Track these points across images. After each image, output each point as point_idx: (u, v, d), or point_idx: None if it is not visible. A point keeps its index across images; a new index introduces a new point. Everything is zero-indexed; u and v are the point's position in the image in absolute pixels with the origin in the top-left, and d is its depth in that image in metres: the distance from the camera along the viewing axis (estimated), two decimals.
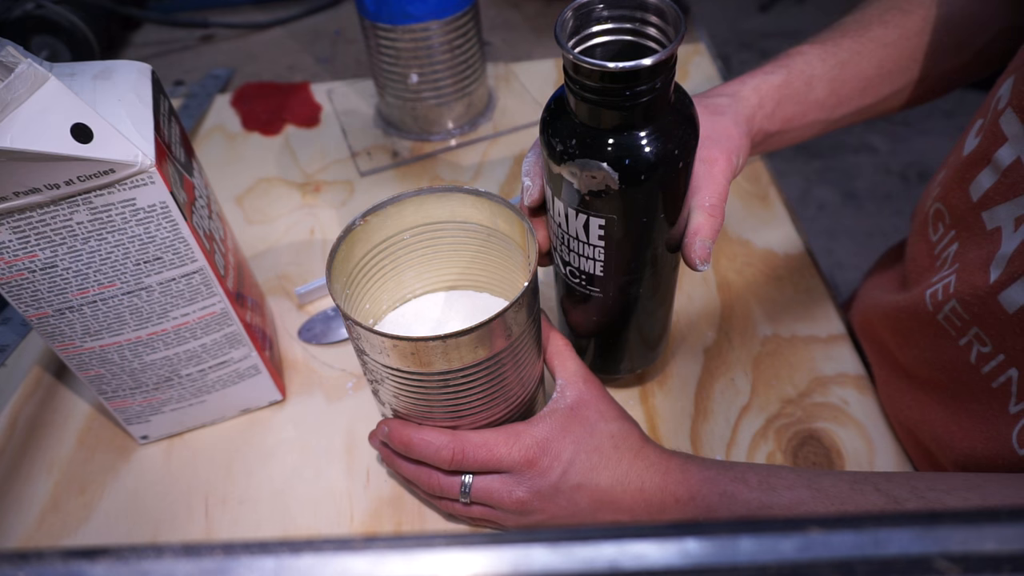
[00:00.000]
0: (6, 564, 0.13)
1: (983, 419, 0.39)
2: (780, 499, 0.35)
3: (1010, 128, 0.37)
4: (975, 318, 0.38)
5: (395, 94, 0.66)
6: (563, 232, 0.37)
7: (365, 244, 0.40)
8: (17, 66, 0.31)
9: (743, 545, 0.13)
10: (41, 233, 0.35)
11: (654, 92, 0.30)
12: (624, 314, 0.41)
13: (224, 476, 0.46)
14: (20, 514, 0.45)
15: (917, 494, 0.33)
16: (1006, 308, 0.36)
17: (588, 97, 0.31)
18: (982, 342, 0.38)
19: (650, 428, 0.47)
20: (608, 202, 0.33)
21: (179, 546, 0.13)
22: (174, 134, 0.40)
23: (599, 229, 0.35)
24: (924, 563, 0.13)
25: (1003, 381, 0.37)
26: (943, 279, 0.41)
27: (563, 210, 0.35)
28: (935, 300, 0.41)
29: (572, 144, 0.32)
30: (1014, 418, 0.36)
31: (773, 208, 0.62)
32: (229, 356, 0.45)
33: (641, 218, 0.34)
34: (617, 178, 0.32)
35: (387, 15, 0.60)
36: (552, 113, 0.34)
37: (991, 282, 0.37)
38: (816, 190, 1.82)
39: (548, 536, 0.13)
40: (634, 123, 0.31)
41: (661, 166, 0.32)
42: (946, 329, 0.40)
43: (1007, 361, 0.37)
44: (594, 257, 0.37)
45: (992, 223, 0.38)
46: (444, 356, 0.34)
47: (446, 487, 0.39)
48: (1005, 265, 0.36)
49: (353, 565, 0.13)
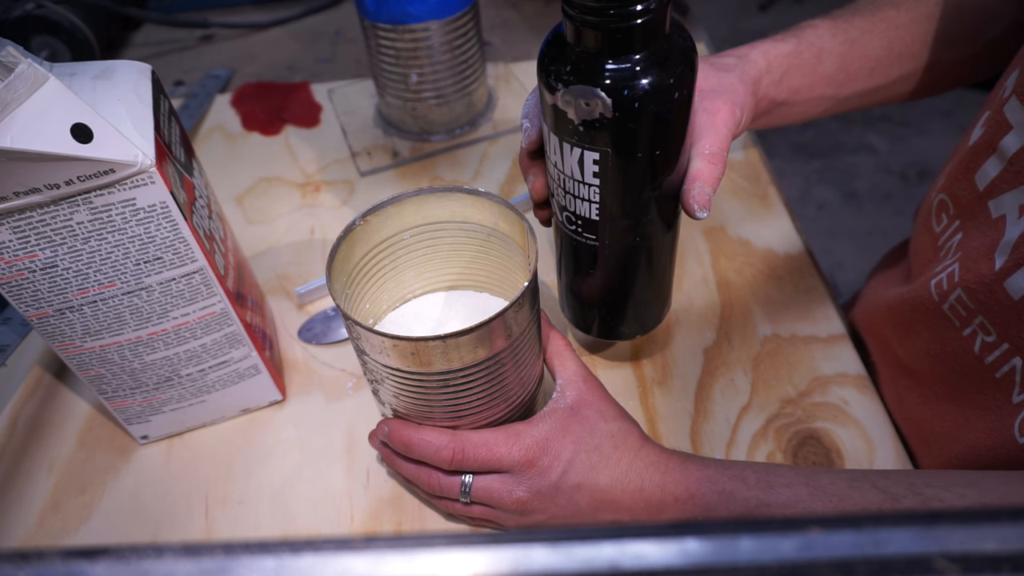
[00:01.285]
0: (6, 564, 0.13)
1: (986, 410, 0.39)
2: (778, 497, 0.35)
3: (1014, 116, 0.38)
4: (980, 306, 0.38)
5: (395, 94, 0.66)
6: (559, 173, 0.36)
7: (365, 244, 0.40)
8: (17, 66, 0.31)
9: (743, 545, 0.13)
10: (41, 233, 0.35)
11: (648, 14, 0.30)
12: (622, 265, 0.40)
13: (224, 476, 0.46)
14: (20, 514, 0.45)
15: (915, 491, 0.33)
16: (1011, 295, 0.36)
17: (584, 19, 0.31)
18: (986, 331, 0.38)
19: (650, 428, 0.47)
20: (603, 133, 0.33)
21: (179, 546, 0.13)
22: (174, 134, 0.40)
23: (594, 165, 0.34)
24: (924, 563, 0.13)
25: (1007, 371, 0.37)
26: (947, 268, 0.41)
27: (558, 146, 0.35)
28: (940, 290, 0.41)
29: (567, 71, 0.32)
30: (1016, 408, 0.37)
31: (773, 208, 0.62)
32: (229, 356, 0.45)
33: (636, 152, 0.34)
34: (611, 104, 0.31)
35: (387, 15, 0.60)
36: (549, 45, 0.34)
37: (996, 269, 0.37)
38: (816, 190, 1.82)
39: (548, 536, 0.13)
40: (629, 48, 0.31)
41: (655, 94, 0.32)
42: (951, 319, 0.40)
43: (1011, 350, 0.37)
44: (589, 198, 0.36)
45: (998, 211, 0.38)
46: (444, 356, 0.34)
47: (446, 487, 0.39)
48: (1010, 252, 0.36)
49: (353, 565, 0.13)
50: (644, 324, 0.46)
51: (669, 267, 0.44)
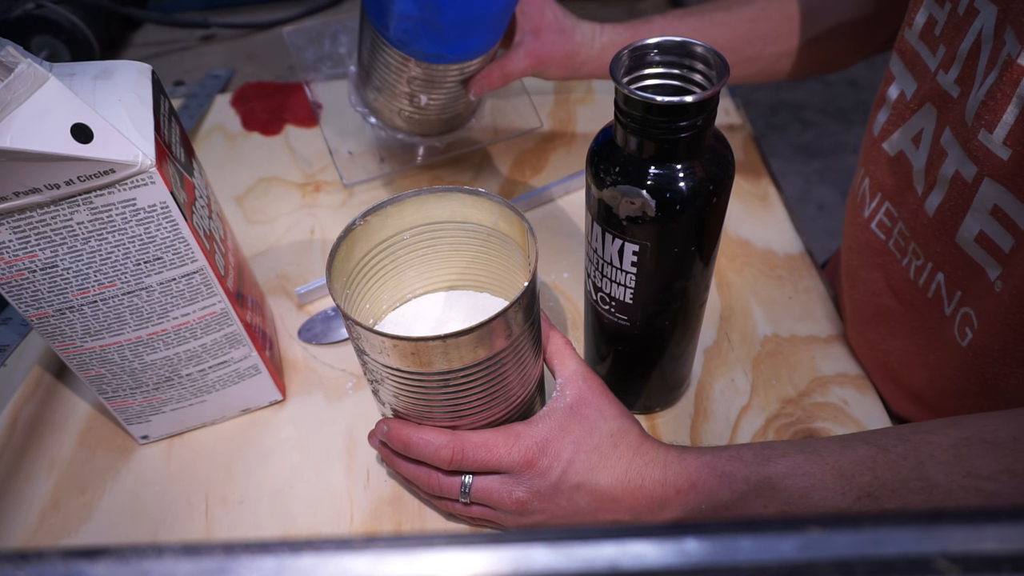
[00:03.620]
0: (6, 564, 0.13)
1: (930, 331, 0.43)
2: (777, 468, 0.35)
3: (896, 68, 0.44)
4: (913, 234, 0.43)
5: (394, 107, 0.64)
6: (598, 258, 0.39)
7: (365, 244, 0.40)
8: (17, 66, 0.31)
9: (743, 545, 0.13)
10: (41, 233, 0.35)
11: (695, 129, 0.33)
12: (650, 347, 0.43)
13: (224, 476, 0.46)
14: (20, 514, 0.45)
15: (903, 439, 0.34)
16: (928, 213, 0.41)
17: (634, 128, 0.33)
18: (916, 256, 0.43)
19: (650, 428, 0.47)
20: (644, 228, 0.35)
21: (179, 546, 0.13)
22: (174, 134, 0.40)
23: (632, 255, 0.37)
24: (924, 563, 0.13)
25: (935, 288, 0.42)
26: (877, 209, 0.46)
27: (601, 235, 0.37)
28: (884, 228, 0.46)
29: (615, 171, 0.35)
30: (950, 319, 0.41)
31: (773, 208, 0.62)
32: (229, 356, 0.45)
33: (673, 247, 0.36)
34: (654, 205, 0.34)
35: (414, 51, 0.52)
36: (599, 143, 0.37)
37: (919, 195, 0.41)
38: (816, 190, 1.82)
39: (548, 536, 0.13)
40: (674, 156, 0.34)
41: (695, 198, 0.34)
42: (894, 254, 0.45)
43: (934, 268, 0.41)
44: (625, 284, 0.39)
45: (893, 150, 0.44)
46: (444, 356, 0.34)
47: (446, 487, 0.39)
48: (924, 177, 0.41)
49: (353, 565, 0.13)
50: (659, 402, 0.48)
51: (692, 353, 0.46)
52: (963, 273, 0.39)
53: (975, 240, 0.38)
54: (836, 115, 2.03)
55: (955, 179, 0.38)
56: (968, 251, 0.38)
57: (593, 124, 0.72)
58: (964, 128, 0.37)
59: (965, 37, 0.38)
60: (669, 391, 0.48)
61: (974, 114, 0.36)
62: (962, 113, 0.37)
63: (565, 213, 0.63)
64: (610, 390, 0.41)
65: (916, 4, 0.42)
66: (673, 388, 0.48)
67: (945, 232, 0.40)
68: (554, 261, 0.59)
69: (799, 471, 0.35)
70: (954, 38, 0.39)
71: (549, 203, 0.64)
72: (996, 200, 0.36)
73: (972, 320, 0.39)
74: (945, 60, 0.39)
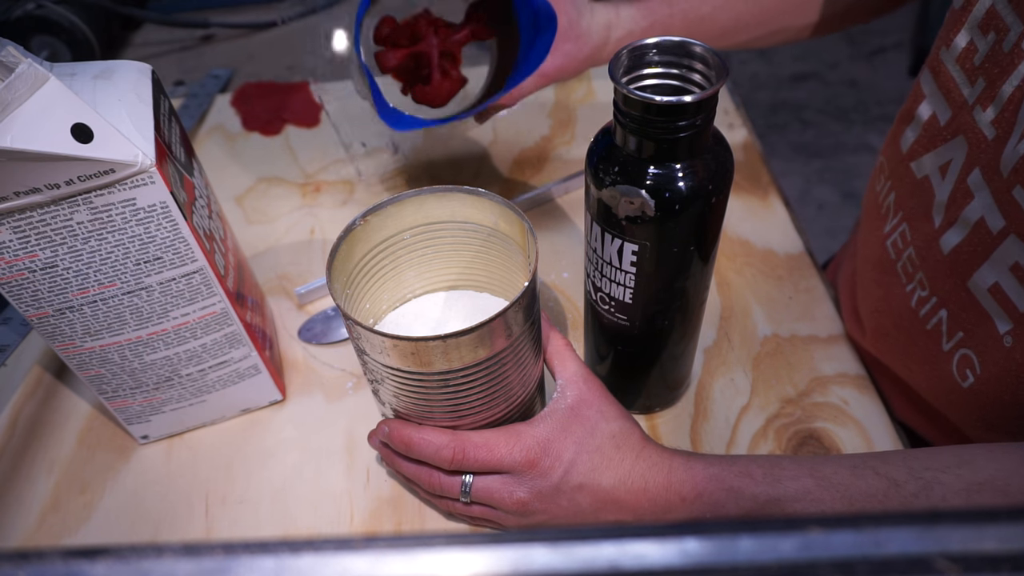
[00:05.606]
0: (6, 564, 0.13)
1: (923, 360, 0.43)
2: (786, 491, 0.35)
3: (927, 87, 0.42)
4: (922, 263, 0.42)
5: None
6: (598, 258, 0.39)
7: (365, 244, 0.40)
8: (17, 66, 0.31)
9: (743, 545, 0.13)
10: (41, 233, 0.35)
11: (694, 128, 0.33)
12: (649, 347, 0.43)
13: (224, 476, 0.46)
14: (20, 514, 0.45)
15: (914, 475, 0.34)
16: (943, 250, 0.40)
17: (633, 128, 0.33)
18: (923, 287, 0.42)
19: (650, 428, 0.47)
20: (643, 228, 0.35)
21: (179, 546, 0.13)
22: (174, 134, 0.40)
23: (632, 255, 0.37)
24: (924, 563, 0.13)
25: (935, 322, 0.41)
26: (897, 227, 0.45)
27: (600, 235, 0.37)
28: (896, 248, 0.45)
29: (615, 171, 0.35)
30: (949, 354, 0.41)
31: (773, 208, 0.62)
32: (229, 356, 0.45)
33: (672, 247, 0.36)
34: (653, 205, 0.34)
35: None
36: (598, 143, 0.37)
37: (935, 227, 0.40)
38: (816, 190, 1.82)
39: (548, 536, 0.13)
40: (673, 156, 0.34)
41: (695, 198, 0.34)
42: (899, 276, 0.45)
43: (939, 303, 0.41)
44: (625, 284, 0.39)
45: (920, 172, 0.42)
46: (444, 356, 0.34)
47: (446, 487, 0.39)
48: (944, 211, 0.40)
49: (353, 565, 0.13)
50: (658, 402, 0.48)
51: (691, 353, 0.46)
52: (969, 316, 0.38)
53: (988, 290, 0.37)
54: (836, 115, 2.04)
55: (979, 225, 0.37)
56: (979, 298, 0.37)
57: (593, 124, 0.72)
58: (998, 176, 0.35)
59: (1008, 79, 0.35)
60: (669, 391, 0.48)
61: (1011, 167, 0.34)
62: (996, 159, 0.35)
63: (565, 213, 0.63)
64: (610, 392, 0.41)
65: (956, 24, 0.39)
66: (673, 388, 0.48)
67: (957, 274, 0.38)
68: (554, 261, 0.59)
69: (808, 496, 0.35)
70: (996, 76, 0.36)
71: (549, 203, 0.64)
72: (1019, 258, 0.34)
73: (974, 364, 0.38)
74: (984, 96, 0.37)
